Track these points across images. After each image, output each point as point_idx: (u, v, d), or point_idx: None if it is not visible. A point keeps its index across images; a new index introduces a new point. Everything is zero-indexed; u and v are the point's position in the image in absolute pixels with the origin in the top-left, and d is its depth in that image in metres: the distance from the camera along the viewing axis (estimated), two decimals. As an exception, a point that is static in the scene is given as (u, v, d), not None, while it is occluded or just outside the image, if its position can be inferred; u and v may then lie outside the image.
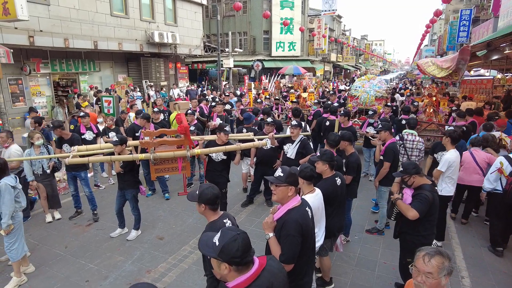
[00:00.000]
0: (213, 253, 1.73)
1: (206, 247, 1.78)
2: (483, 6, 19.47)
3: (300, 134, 5.60)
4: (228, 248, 1.70)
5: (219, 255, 1.71)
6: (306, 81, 15.99)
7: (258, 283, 1.77)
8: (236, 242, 1.71)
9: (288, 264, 2.44)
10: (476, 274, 4.35)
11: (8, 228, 3.93)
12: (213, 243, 1.75)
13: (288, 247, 2.42)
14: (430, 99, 10.09)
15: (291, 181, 2.52)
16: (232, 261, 1.71)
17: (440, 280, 1.91)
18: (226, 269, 1.73)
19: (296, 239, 2.41)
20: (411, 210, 3.31)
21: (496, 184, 4.76)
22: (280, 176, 2.53)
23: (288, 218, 2.47)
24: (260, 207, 6.34)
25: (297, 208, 2.54)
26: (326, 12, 29.45)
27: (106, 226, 5.67)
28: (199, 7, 19.73)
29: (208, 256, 1.78)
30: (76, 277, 4.27)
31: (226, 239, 1.72)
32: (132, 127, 6.81)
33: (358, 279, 4.26)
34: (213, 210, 2.55)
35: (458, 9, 22.14)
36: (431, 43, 46.78)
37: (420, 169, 3.50)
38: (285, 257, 2.42)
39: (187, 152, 4.47)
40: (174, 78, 19.48)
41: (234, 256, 1.70)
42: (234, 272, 1.74)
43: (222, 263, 1.73)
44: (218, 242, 1.73)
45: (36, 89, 13.14)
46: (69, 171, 5.76)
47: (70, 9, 12.30)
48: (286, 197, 2.56)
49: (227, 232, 1.76)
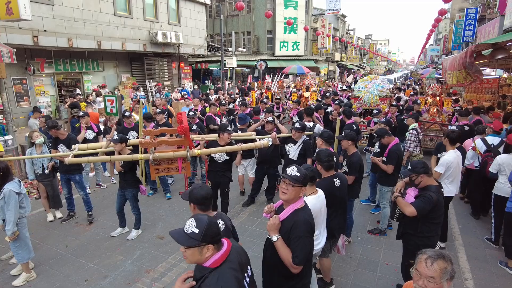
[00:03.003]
0: (197, 240, 1.79)
1: (186, 240, 1.81)
2: (489, 4, 19.24)
3: (303, 135, 5.54)
4: (210, 229, 1.82)
5: (203, 239, 1.79)
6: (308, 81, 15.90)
7: (231, 258, 1.92)
8: (213, 222, 1.86)
9: (300, 266, 2.40)
10: (480, 276, 4.28)
11: (13, 235, 3.91)
12: (190, 233, 1.80)
13: (301, 249, 2.36)
14: (434, 99, 9.98)
15: (305, 183, 2.53)
16: (215, 239, 1.86)
17: (442, 285, 1.85)
18: (209, 250, 1.84)
19: (308, 240, 2.40)
20: (409, 206, 3.27)
21: (473, 160, 5.64)
22: (297, 176, 2.45)
23: (298, 219, 2.41)
24: (262, 206, 6.30)
25: (303, 208, 2.52)
26: (330, 11, 29.31)
27: (107, 225, 5.67)
28: (203, 6, 19.75)
29: (190, 246, 1.81)
30: (76, 276, 4.26)
31: (203, 223, 1.82)
32: (121, 130, 6.56)
33: (359, 280, 4.20)
34: (202, 210, 2.51)
35: (464, 8, 21.90)
36: (436, 43, 46.45)
37: (429, 169, 3.41)
38: (299, 259, 2.36)
39: (187, 152, 4.44)
40: (177, 77, 19.52)
41: (217, 233, 1.87)
42: (214, 250, 1.86)
43: (204, 247, 1.81)
44: (198, 229, 1.79)
45: (40, 89, 13.24)
46: (63, 174, 5.68)
47: (74, 9, 12.37)
48: (297, 198, 2.51)
49: (200, 218, 1.85)
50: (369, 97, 9.12)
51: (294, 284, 2.54)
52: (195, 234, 1.79)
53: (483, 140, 5.61)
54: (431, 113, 9.39)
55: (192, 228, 1.80)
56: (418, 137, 6.50)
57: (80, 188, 5.73)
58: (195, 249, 1.81)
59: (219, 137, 5.04)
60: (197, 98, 10.50)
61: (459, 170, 4.75)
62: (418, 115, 7.42)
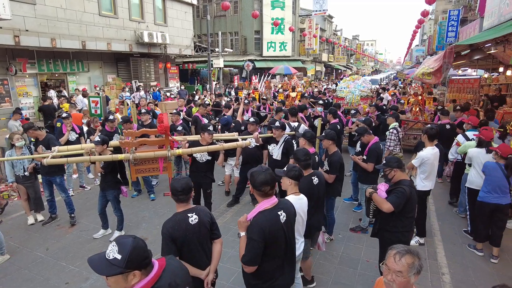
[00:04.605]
0: (119, 268, 1.60)
1: (107, 268, 1.61)
2: (470, 6, 19.71)
3: (284, 134, 5.59)
4: (135, 253, 1.63)
5: (128, 266, 1.60)
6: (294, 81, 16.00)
7: (161, 283, 1.74)
8: (139, 246, 1.66)
9: (248, 266, 2.45)
10: (456, 270, 4.40)
11: None
12: (112, 259, 1.60)
13: (248, 250, 2.42)
14: (416, 98, 10.19)
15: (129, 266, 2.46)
16: (143, 264, 1.67)
17: (409, 279, 1.93)
18: (135, 276, 1.65)
19: (257, 243, 2.39)
20: (386, 203, 3.34)
21: (457, 155, 5.97)
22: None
23: (253, 222, 2.46)
24: (246, 206, 6.34)
25: (267, 211, 2.50)
26: (317, 12, 29.57)
27: (89, 227, 5.61)
28: (190, 7, 19.66)
29: (112, 275, 1.62)
30: (56, 280, 4.22)
31: (127, 247, 1.62)
32: (104, 135, 6.35)
33: (340, 277, 4.27)
34: (178, 202, 2.66)
35: (447, 10, 22.38)
36: (422, 43, 47.24)
37: (403, 165, 3.54)
38: (245, 259, 2.44)
39: (168, 152, 4.43)
40: (164, 78, 19.39)
41: (143, 257, 1.67)
42: (141, 276, 1.68)
43: (129, 274, 1.63)
44: (120, 255, 1.60)
45: (23, 90, 12.97)
46: (44, 176, 5.60)
47: (57, 9, 12.17)
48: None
49: (123, 241, 1.66)
50: (350, 97, 9.26)
51: (260, 284, 2.57)
52: (117, 261, 1.59)
53: (464, 135, 6.02)
54: (414, 112, 9.58)
55: (114, 254, 1.61)
56: (398, 136, 6.64)
57: (61, 191, 5.65)
58: (119, 277, 1.62)
59: (201, 137, 5.04)
60: (182, 99, 10.46)
61: (435, 166, 4.91)
62: (399, 114, 7.56)
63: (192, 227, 2.63)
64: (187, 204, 2.70)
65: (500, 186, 4.47)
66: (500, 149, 4.61)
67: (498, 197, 4.50)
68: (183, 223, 2.61)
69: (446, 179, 7.60)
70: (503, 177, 4.46)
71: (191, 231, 2.62)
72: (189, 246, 2.64)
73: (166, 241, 2.56)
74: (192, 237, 2.63)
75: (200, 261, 2.73)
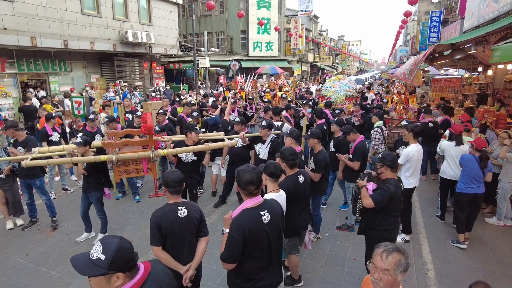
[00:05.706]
0: (103, 268, 1.55)
1: (90, 268, 1.56)
2: (451, 8, 20.17)
3: (271, 133, 5.57)
4: (119, 254, 1.57)
5: (111, 267, 1.55)
6: (281, 81, 16.04)
7: (146, 287, 1.70)
8: (124, 247, 1.61)
9: (226, 263, 2.46)
10: (441, 266, 4.47)
11: None
12: (96, 259, 1.56)
13: (227, 247, 2.43)
14: (399, 97, 10.34)
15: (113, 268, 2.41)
16: (127, 266, 1.61)
17: (396, 277, 1.92)
18: (119, 279, 1.59)
19: (236, 241, 2.38)
20: (367, 198, 3.39)
21: None
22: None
23: (235, 220, 2.46)
24: (233, 207, 6.28)
25: (249, 210, 2.49)
26: (302, 12, 29.71)
27: (72, 230, 5.46)
28: (175, 6, 19.46)
29: (94, 276, 1.57)
30: (36, 286, 4.08)
31: (112, 248, 1.57)
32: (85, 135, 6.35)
33: (327, 276, 4.28)
34: (171, 193, 2.74)
35: (429, 11, 22.86)
36: (405, 43, 48.07)
37: (396, 165, 3.57)
38: (223, 256, 2.45)
39: (152, 152, 4.35)
40: (149, 78, 19.13)
41: (128, 259, 1.61)
42: (126, 278, 1.63)
43: (113, 276, 1.58)
44: (104, 255, 1.55)
45: (2, 90, 12.55)
46: (22, 179, 5.40)
47: (37, 6, 11.82)
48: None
49: (108, 242, 1.60)
50: (336, 97, 9.33)
51: (241, 283, 2.56)
52: (100, 261, 1.54)
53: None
54: (398, 111, 9.71)
55: (98, 254, 1.56)
56: (382, 135, 6.71)
57: (41, 194, 5.48)
58: (101, 278, 1.57)
59: (187, 137, 4.97)
60: (167, 98, 10.32)
61: (419, 163, 4.99)
62: (383, 113, 7.65)
63: (180, 220, 2.68)
64: (178, 196, 2.77)
65: (476, 177, 4.80)
66: (475, 142, 4.96)
67: (475, 187, 4.82)
68: (171, 214, 2.67)
69: (430, 176, 7.73)
70: (478, 168, 4.78)
71: (178, 224, 2.67)
72: (173, 238, 2.68)
73: (153, 229, 2.65)
74: (178, 230, 2.68)
75: (181, 255, 2.75)
